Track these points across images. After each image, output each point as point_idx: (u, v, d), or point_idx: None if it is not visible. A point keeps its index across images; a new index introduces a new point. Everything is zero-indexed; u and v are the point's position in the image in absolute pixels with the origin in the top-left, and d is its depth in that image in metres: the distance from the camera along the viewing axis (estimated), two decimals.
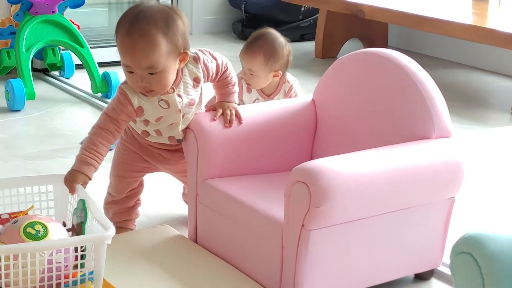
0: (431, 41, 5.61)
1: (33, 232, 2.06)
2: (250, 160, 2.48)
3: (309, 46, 5.73)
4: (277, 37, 2.88)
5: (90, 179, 2.29)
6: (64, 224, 2.28)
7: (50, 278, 2.03)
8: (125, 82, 2.37)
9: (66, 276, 2.05)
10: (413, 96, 2.31)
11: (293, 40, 6.21)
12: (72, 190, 2.26)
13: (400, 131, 2.32)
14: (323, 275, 2.16)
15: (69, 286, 2.06)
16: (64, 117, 4.04)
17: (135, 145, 2.55)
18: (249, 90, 2.92)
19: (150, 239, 2.50)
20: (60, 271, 2.03)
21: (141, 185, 2.66)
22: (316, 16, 5.81)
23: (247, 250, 2.29)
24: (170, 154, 2.55)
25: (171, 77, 2.30)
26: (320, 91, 2.59)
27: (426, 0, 5.21)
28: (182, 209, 2.88)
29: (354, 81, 2.47)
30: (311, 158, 2.55)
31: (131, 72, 2.28)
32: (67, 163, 2.59)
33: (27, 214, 2.26)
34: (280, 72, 2.87)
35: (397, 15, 4.75)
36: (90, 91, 4.36)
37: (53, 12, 4.27)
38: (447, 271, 2.41)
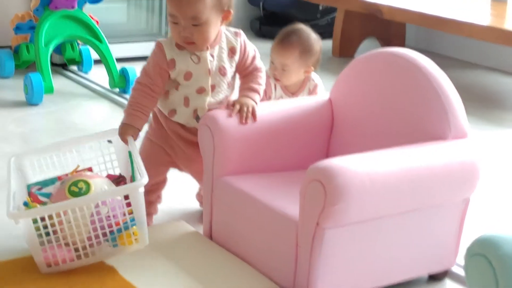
0: (449, 42, 5.59)
1: (77, 190, 2.26)
2: (266, 157, 2.49)
3: (326, 44, 5.70)
4: (310, 32, 2.90)
5: (139, 129, 2.45)
6: (120, 175, 2.50)
7: (95, 230, 2.22)
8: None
9: (111, 226, 2.23)
10: (430, 96, 2.31)
11: None
12: (125, 142, 2.44)
13: (417, 131, 2.33)
14: (337, 273, 2.17)
15: (115, 234, 2.23)
16: (82, 112, 4.06)
17: (158, 137, 2.58)
18: (274, 88, 2.91)
19: (165, 234, 2.51)
20: (103, 222, 2.22)
21: (164, 181, 2.68)
22: (334, 15, 5.80)
23: (262, 248, 2.30)
24: (191, 149, 2.56)
25: (212, 32, 2.42)
26: (337, 90, 2.59)
27: (444, 0, 5.19)
28: (197, 205, 2.89)
29: (371, 81, 2.47)
30: (327, 157, 2.55)
31: (176, 23, 2.40)
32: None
33: (75, 173, 2.44)
34: (312, 68, 2.88)
35: (416, 15, 4.74)
36: (107, 86, 4.38)
37: (73, 7, 4.29)
38: (461, 271, 2.41)
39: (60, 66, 4.78)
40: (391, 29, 5.59)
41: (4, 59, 4.46)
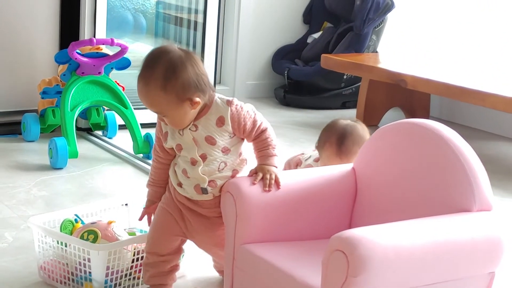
0: (473, 113, 5.59)
1: (85, 238, 2.65)
2: (288, 226, 2.48)
3: (350, 114, 5.74)
4: (354, 125, 2.86)
5: (158, 202, 2.63)
6: None
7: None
8: None
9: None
10: (454, 167, 2.30)
11: (334, 107, 6.26)
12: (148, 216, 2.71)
13: (441, 203, 2.31)
14: None
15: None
16: (105, 177, 4.07)
17: (170, 206, 2.58)
18: None
19: None
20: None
21: (178, 252, 2.65)
22: (358, 84, 5.83)
23: None
24: (198, 221, 2.55)
25: (182, 118, 2.44)
26: (361, 159, 2.59)
27: (468, 72, 5.21)
28: (218, 273, 2.87)
29: (395, 151, 2.47)
30: (350, 227, 2.53)
31: None
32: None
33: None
34: None
35: (440, 86, 4.76)
36: (131, 151, 4.40)
37: (99, 73, 4.35)
38: None
39: (85, 131, 4.82)
40: (416, 99, 5.60)
41: (30, 123, 4.51)
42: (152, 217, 2.65)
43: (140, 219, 2.67)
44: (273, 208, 2.43)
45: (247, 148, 2.55)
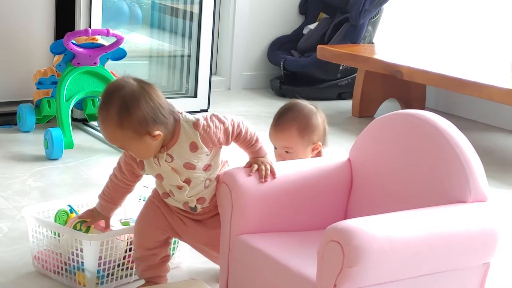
0: (469, 104, 5.59)
1: (78, 229, 2.64)
2: (284, 217, 2.48)
3: (346, 104, 5.74)
4: (305, 105, 2.70)
5: (108, 217, 2.66)
6: None
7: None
8: None
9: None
10: (450, 159, 2.30)
11: (330, 98, 6.25)
12: (97, 226, 2.68)
13: (436, 194, 2.31)
14: None
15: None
16: (101, 167, 4.07)
17: (160, 200, 2.57)
18: None
19: None
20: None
21: (165, 244, 2.62)
22: (354, 75, 5.83)
23: None
24: (191, 221, 2.55)
25: (145, 151, 2.40)
26: (357, 150, 2.59)
27: (464, 63, 5.21)
28: (214, 263, 2.87)
29: (391, 142, 2.47)
30: (345, 217, 2.54)
31: None
32: None
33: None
34: (320, 143, 2.72)
35: (436, 77, 4.75)
36: None
37: (95, 63, 4.34)
38: None
39: (81, 121, 4.82)
40: (412, 91, 5.60)
41: (25, 114, 4.50)
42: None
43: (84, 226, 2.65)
44: (269, 199, 2.43)
45: (224, 150, 2.53)
